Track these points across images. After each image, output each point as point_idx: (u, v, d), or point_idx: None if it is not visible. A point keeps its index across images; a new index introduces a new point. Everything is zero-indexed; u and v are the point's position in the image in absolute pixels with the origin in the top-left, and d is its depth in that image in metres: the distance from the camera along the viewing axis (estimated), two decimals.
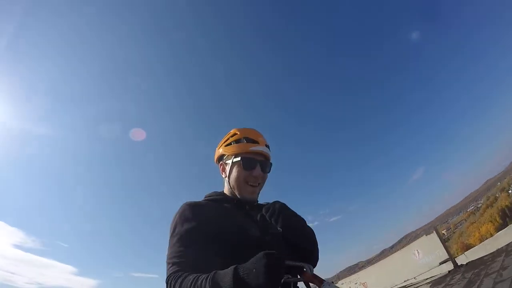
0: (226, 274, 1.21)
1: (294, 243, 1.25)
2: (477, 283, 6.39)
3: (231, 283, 1.21)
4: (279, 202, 1.23)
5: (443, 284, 7.68)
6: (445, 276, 8.19)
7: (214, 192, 1.30)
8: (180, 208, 1.20)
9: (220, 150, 1.26)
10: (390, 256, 11.32)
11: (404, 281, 9.67)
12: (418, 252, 9.32)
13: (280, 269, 1.25)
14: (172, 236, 1.20)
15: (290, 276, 1.29)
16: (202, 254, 1.20)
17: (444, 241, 8.98)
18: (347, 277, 13.14)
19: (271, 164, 1.27)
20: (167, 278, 1.21)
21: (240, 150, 1.20)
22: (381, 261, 11.94)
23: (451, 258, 8.34)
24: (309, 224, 1.29)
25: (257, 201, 1.29)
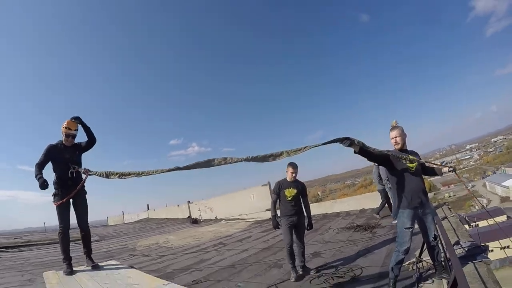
0: None
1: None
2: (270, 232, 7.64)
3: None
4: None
5: (259, 225, 8.95)
6: (265, 220, 9.50)
7: (59, 140, 3.88)
8: (47, 146, 3.78)
9: (62, 128, 3.82)
10: (235, 192, 12.68)
11: (239, 215, 11.05)
12: (253, 196, 10.55)
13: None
14: (41, 155, 3.69)
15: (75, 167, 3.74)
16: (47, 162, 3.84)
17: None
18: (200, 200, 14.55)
19: (75, 134, 3.92)
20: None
21: (64, 131, 3.84)
22: (228, 194, 13.35)
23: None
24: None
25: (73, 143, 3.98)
